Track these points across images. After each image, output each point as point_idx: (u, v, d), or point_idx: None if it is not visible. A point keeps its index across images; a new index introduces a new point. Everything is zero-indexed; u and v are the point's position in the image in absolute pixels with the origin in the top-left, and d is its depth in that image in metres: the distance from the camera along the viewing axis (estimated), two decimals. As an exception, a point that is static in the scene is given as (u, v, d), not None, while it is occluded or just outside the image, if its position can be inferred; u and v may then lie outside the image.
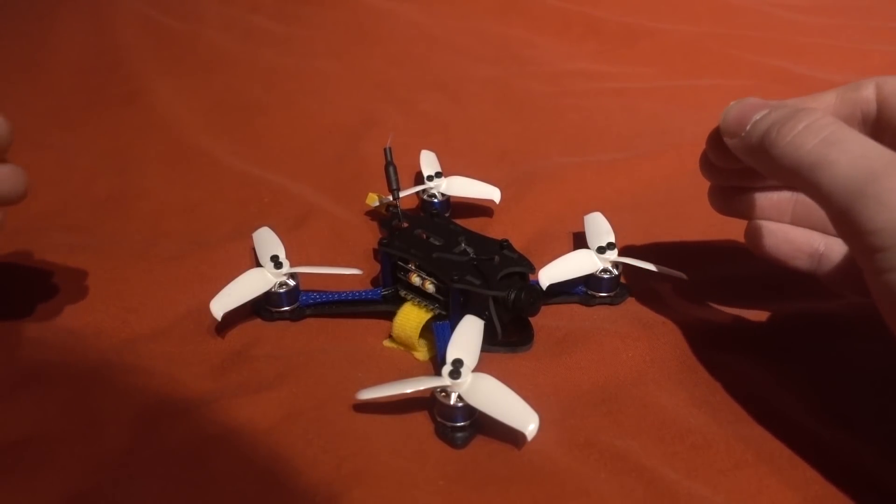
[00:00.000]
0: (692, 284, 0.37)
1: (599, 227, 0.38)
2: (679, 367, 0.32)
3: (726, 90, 0.60)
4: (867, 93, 0.28)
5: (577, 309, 0.36)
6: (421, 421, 0.29)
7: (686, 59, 0.65)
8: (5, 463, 0.28)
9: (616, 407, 0.30)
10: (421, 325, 0.33)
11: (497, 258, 0.33)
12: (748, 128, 0.27)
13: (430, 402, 0.29)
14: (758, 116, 0.27)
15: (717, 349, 0.33)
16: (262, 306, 0.35)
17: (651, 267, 0.36)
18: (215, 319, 0.32)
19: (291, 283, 0.35)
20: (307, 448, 0.28)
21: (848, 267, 0.31)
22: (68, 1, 0.75)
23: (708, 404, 0.30)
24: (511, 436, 0.28)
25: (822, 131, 0.24)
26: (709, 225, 0.41)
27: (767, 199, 0.33)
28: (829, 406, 0.29)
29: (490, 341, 0.32)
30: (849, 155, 0.23)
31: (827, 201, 0.24)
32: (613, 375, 0.32)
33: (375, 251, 0.35)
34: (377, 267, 0.36)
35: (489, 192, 0.42)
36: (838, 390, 0.30)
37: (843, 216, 0.23)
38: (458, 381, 0.28)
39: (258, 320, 0.35)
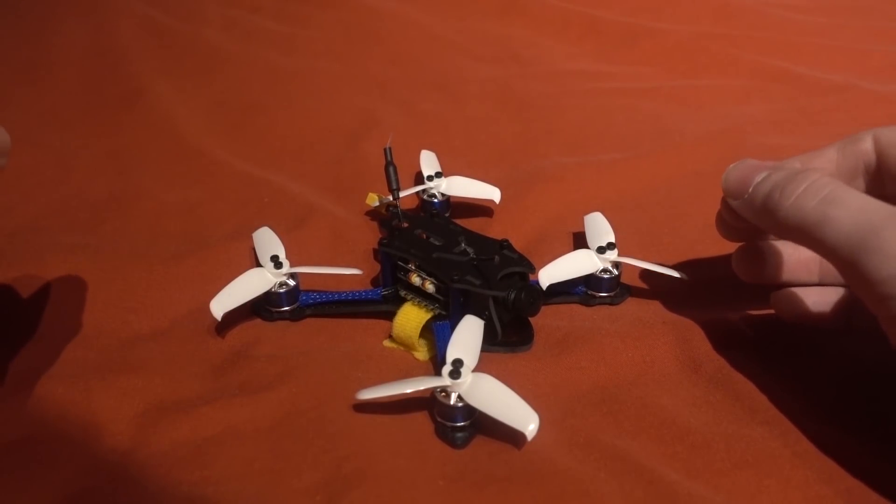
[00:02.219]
0: (692, 284, 0.37)
1: (599, 227, 0.38)
2: (679, 367, 0.32)
3: (726, 90, 0.60)
4: (866, 145, 0.30)
5: (577, 309, 0.36)
6: (421, 421, 0.29)
7: (686, 59, 0.65)
8: (5, 463, 0.28)
9: (616, 407, 0.30)
10: (421, 325, 0.33)
11: (497, 258, 0.33)
12: (750, 190, 0.28)
13: (430, 402, 0.29)
14: (759, 179, 0.28)
15: (717, 349, 0.33)
16: (262, 306, 0.35)
17: (651, 267, 0.36)
18: (215, 319, 0.32)
19: (291, 283, 0.35)
20: (307, 448, 0.28)
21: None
22: (68, 1, 0.75)
23: (708, 404, 0.30)
24: (511, 436, 0.28)
25: (822, 191, 0.26)
26: (709, 225, 0.40)
27: (795, 260, 0.33)
28: (830, 406, 0.29)
29: (490, 341, 0.32)
30: (849, 211, 0.25)
31: (833, 256, 0.25)
32: (613, 375, 0.32)
33: (375, 251, 0.35)
34: (377, 267, 0.36)
35: (489, 192, 0.42)
36: (838, 390, 0.30)
37: (849, 269, 0.25)
38: (458, 381, 0.28)
39: (258, 320, 0.35)
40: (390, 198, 0.37)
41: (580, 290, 0.36)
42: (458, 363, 0.28)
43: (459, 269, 0.32)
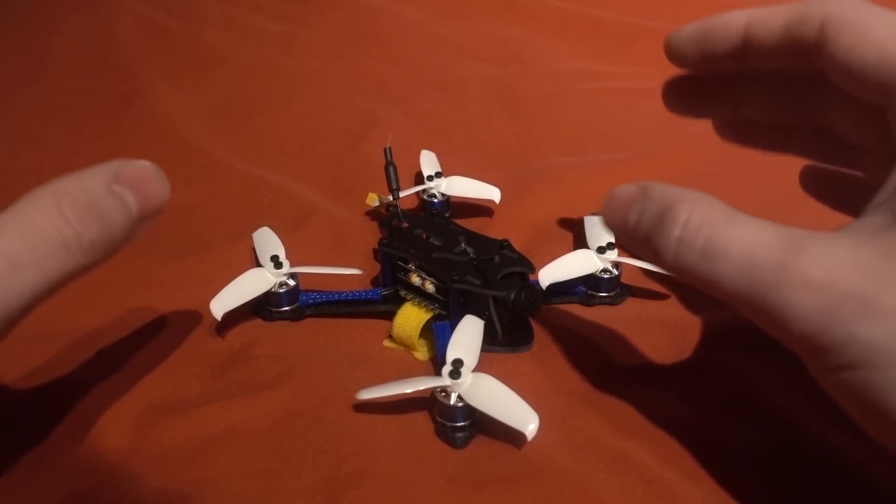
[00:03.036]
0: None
1: (599, 228, 0.38)
2: (679, 367, 0.32)
3: (726, 90, 0.60)
4: (812, 26, 0.24)
5: (577, 309, 0.36)
6: (421, 421, 0.29)
7: (686, 59, 0.65)
8: (4, 463, 0.28)
9: (616, 407, 0.30)
10: (421, 325, 0.33)
11: (497, 258, 0.33)
12: (630, 232, 0.24)
13: (430, 402, 0.29)
14: (632, 220, 0.24)
15: (717, 349, 0.33)
16: (262, 306, 0.35)
17: (651, 267, 0.36)
18: (215, 319, 0.32)
19: (291, 283, 0.35)
20: (307, 448, 0.28)
21: None
22: (68, 1, 0.75)
23: (708, 404, 0.30)
24: (511, 436, 0.28)
25: (697, 241, 0.22)
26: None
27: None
28: (830, 406, 0.29)
29: (490, 341, 0.32)
30: (734, 264, 0.21)
31: (737, 308, 0.22)
32: (613, 375, 0.32)
33: (375, 251, 0.35)
34: (377, 267, 0.36)
35: (489, 192, 0.42)
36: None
37: (759, 321, 0.22)
38: (458, 381, 0.28)
39: (258, 320, 0.35)
40: (390, 198, 0.37)
41: (580, 290, 0.36)
42: (458, 363, 0.28)
43: (459, 269, 0.32)
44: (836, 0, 0.24)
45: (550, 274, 0.34)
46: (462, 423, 0.28)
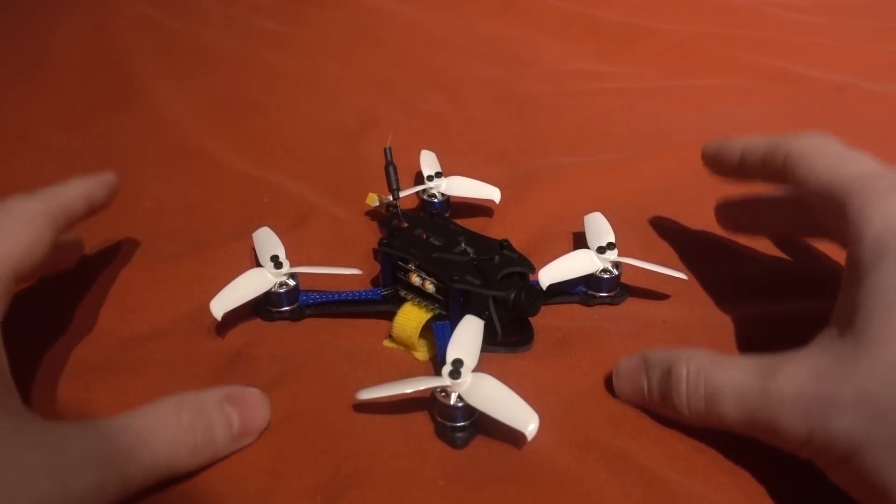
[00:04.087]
0: (692, 284, 0.37)
1: (599, 227, 0.38)
2: (679, 367, 0.32)
3: (726, 90, 0.60)
4: (779, 159, 0.31)
5: (577, 309, 0.36)
6: (421, 421, 0.29)
7: (686, 59, 0.65)
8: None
9: (616, 407, 0.30)
10: (421, 325, 0.33)
11: (497, 258, 0.33)
12: (646, 398, 0.29)
13: (430, 402, 0.29)
14: (644, 387, 0.29)
15: (717, 349, 0.33)
16: (262, 306, 0.35)
17: (651, 267, 0.36)
18: (215, 319, 0.32)
19: (291, 283, 0.35)
20: (307, 448, 0.28)
21: None
22: (68, 1, 0.75)
23: (708, 404, 0.30)
24: (511, 436, 0.28)
25: (699, 389, 0.26)
26: (709, 225, 0.41)
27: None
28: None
29: (490, 341, 0.32)
30: (730, 400, 0.26)
31: (746, 435, 0.26)
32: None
33: (375, 251, 0.35)
34: (377, 267, 0.36)
35: (489, 192, 0.42)
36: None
37: (769, 441, 0.25)
38: (458, 381, 0.28)
39: (258, 320, 0.35)
40: (390, 198, 0.37)
41: (580, 290, 0.36)
42: (458, 363, 0.28)
43: (459, 269, 0.32)
44: (802, 137, 0.30)
45: (550, 274, 0.34)
46: (462, 423, 0.28)
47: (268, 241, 0.38)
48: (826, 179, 0.28)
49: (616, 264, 0.36)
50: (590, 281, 0.36)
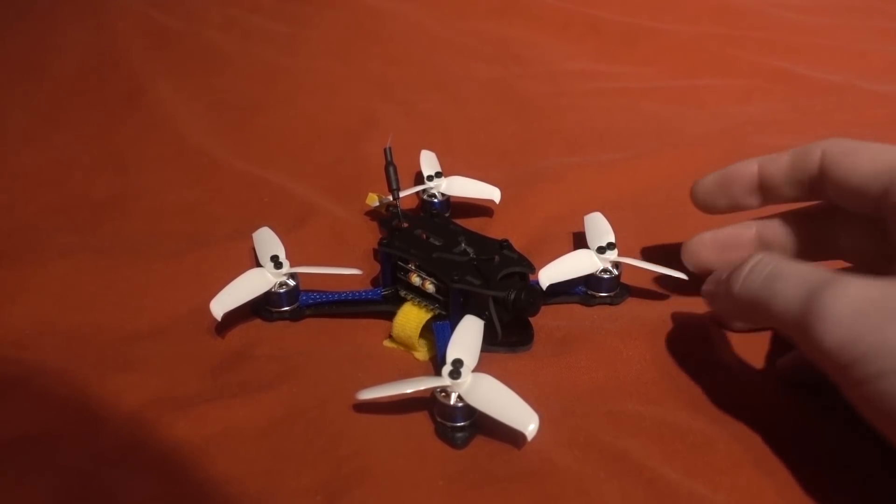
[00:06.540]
0: (692, 284, 0.37)
1: (599, 227, 0.38)
2: (679, 366, 0.32)
3: (726, 90, 0.60)
4: (814, 157, 0.31)
5: (577, 309, 0.36)
6: (421, 421, 0.29)
7: (686, 59, 0.65)
8: (4, 460, 0.28)
9: (616, 406, 0.30)
10: (421, 325, 0.33)
11: (497, 258, 0.33)
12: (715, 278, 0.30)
13: (430, 402, 0.29)
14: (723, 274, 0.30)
15: (716, 349, 0.33)
16: (262, 306, 0.35)
17: (651, 267, 0.36)
18: (215, 319, 0.32)
19: (291, 283, 0.35)
20: (307, 448, 0.28)
21: None
22: (69, 1, 0.75)
23: (708, 404, 0.30)
24: (511, 436, 0.28)
25: (765, 269, 0.27)
26: (709, 225, 0.40)
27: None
28: (830, 405, 0.29)
29: (490, 341, 0.32)
30: (791, 282, 0.26)
31: (784, 328, 0.26)
32: (613, 375, 0.32)
33: (375, 251, 0.35)
34: (377, 267, 0.36)
35: (489, 192, 0.42)
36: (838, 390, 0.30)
37: (803, 340, 0.25)
38: (458, 381, 0.28)
39: (258, 320, 0.35)
40: (390, 198, 0.37)
41: (580, 290, 0.36)
42: (458, 363, 0.28)
43: (459, 269, 0.32)
44: (831, 139, 0.30)
45: (550, 274, 0.34)
46: (462, 423, 0.28)
47: (268, 241, 0.38)
48: (872, 169, 0.28)
49: (616, 264, 0.36)
50: (590, 281, 0.36)
